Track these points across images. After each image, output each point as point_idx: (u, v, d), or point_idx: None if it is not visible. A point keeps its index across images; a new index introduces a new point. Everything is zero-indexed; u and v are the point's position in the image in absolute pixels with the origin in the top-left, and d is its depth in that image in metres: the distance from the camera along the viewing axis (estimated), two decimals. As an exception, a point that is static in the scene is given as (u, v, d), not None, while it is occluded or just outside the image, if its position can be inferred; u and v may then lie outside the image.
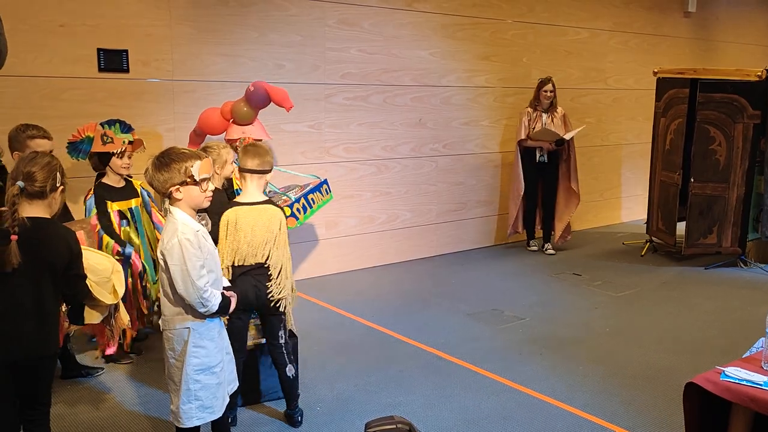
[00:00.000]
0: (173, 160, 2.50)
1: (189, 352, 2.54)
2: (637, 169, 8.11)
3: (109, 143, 3.73)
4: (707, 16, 8.75)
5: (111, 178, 3.80)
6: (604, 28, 7.50)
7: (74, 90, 4.40)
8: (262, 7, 5.11)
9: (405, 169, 6.14)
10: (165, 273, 2.50)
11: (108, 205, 3.73)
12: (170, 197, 2.52)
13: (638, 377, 3.73)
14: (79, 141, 3.79)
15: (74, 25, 4.35)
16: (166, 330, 2.57)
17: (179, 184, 2.49)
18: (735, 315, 4.81)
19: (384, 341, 4.26)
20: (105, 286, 2.70)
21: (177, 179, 2.49)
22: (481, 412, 3.33)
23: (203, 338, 2.57)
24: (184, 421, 2.58)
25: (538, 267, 6.05)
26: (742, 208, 5.91)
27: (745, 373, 2.28)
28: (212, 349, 2.61)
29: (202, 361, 2.57)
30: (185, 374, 2.54)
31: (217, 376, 2.62)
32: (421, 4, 5.96)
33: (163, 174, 2.48)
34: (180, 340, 2.54)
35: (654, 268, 6.06)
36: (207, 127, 4.50)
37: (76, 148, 3.80)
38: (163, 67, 4.72)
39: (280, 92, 4.34)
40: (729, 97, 5.78)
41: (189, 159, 2.52)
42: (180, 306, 2.52)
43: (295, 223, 4.26)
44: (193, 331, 2.54)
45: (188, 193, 2.53)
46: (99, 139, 3.73)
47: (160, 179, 2.49)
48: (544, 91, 6.20)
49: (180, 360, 2.55)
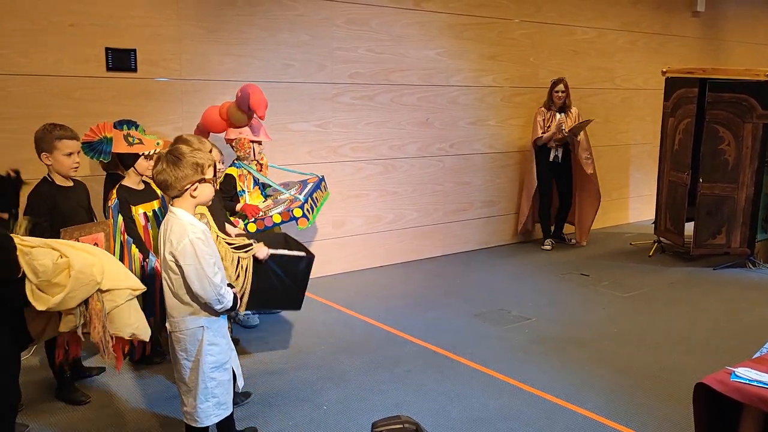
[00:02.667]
0: (188, 156, 2.45)
1: (204, 351, 2.54)
2: (646, 169, 8.08)
3: (137, 144, 3.63)
4: (716, 16, 8.70)
5: (132, 179, 3.67)
6: (611, 27, 7.47)
7: (83, 89, 4.42)
8: (269, 7, 5.11)
9: (412, 169, 6.13)
10: (174, 274, 2.49)
11: (132, 209, 3.62)
12: (180, 196, 2.50)
13: (646, 377, 3.71)
14: (97, 141, 3.65)
15: (83, 25, 4.37)
16: (176, 332, 2.56)
17: (198, 182, 2.48)
18: (744, 315, 4.78)
19: (390, 341, 4.26)
20: (49, 289, 2.54)
21: (195, 177, 2.47)
22: (488, 411, 3.32)
23: (217, 336, 2.58)
24: (203, 420, 2.59)
25: (545, 267, 6.03)
26: (751, 209, 5.88)
27: (755, 373, 2.27)
28: (224, 345, 2.62)
29: (217, 359, 2.58)
30: (201, 373, 2.54)
31: (228, 372, 2.64)
32: (428, 4, 5.96)
33: (181, 171, 2.43)
34: (194, 341, 2.54)
35: (662, 269, 6.03)
36: (209, 125, 4.51)
37: (94, 148, 3.66)
38: (171, 67, 4.73)
39: (260, 99, 4.28)
40: (738, 97, 5.75)
41: (203, 155, 2.50)
42: (192, 306, 2.52)
43: (306, 224, 4.28)
44: (207, 329, 2.55)
45: (202, 190, 2.52)
46: (122, 139, 3.63)
47: (176, 176, 2.44)
48: (555, 92, 6.27)
49: (194, 360, 2.55)
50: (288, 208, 4.25)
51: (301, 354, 4.03)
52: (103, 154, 3.64)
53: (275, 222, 4.22)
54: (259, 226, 4.22)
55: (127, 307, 2.76)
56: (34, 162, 3.37)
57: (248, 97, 4.26)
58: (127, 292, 2.74)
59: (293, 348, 4.10)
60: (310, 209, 4.33)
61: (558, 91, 6.27)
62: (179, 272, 2.47)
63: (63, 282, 2.56)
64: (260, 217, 4.24)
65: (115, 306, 2.72)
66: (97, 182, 4.09)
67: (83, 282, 2.59)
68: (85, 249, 2.74)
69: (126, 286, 2.73)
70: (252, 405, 3.35)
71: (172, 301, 2.54)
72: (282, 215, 4.22)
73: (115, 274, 2.73)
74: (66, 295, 2.56)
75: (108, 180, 3.93)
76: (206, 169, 2.50)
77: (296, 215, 4.20)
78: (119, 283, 2.71)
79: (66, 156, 3.32)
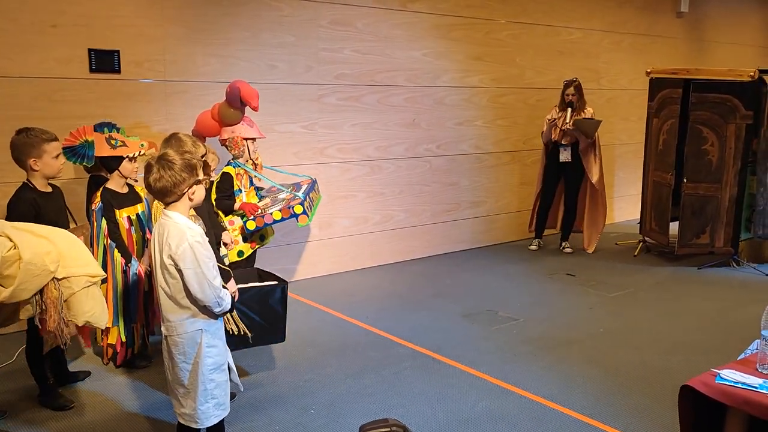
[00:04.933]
0: (179, 159, 2.45)
1: (203, 353, 2.55)
2: (630, 169, 8.13)
3: (121, 147, 3.58)
4: (700, 17, 8.78)
5: (116, 182, 3.63)
6: (597, 28, 7.51)
7: (66, 91, 4.37)
8: (254, 7, 5.08)
9: (399, 170, 6.13)
10: (172, 279, 2.47)
11: (116, 213, 3.58)
12: (177, 200, 2.48)
13: (632, 378, 3.73)
14: (79, 145, 3.58)
15: (66, 26, 4.32)
16: (173, 335, 2.54)
17: (194, 185, 2.48)
18: (728, 315, 4.82)
19: (378, 343, 4.25)
20: (1, 280, 2.53)
21: (192, 179, 2.47)
22: (476, 413, 3.32)
23: (215, 337, 2.60)
24: (203, 421, 2.60)
25: (533, 267, 6.05)
26: (734, 208, 5.93)
27: (740, 375, 2.28)
28: (222, 347, 2.64)
29: (215, 360, 2.60)
30: (201, 375, 2.55)
31: (226, 372, 2.66)
32: (414, 5, 5.95)
33: (178, 175, 2.42)
34: (192, 343, 2.54)
35: (647, 268, 6.07)
36: (203, 130, 4.49)
37: (76, 152, 3.59)
38: (156, 68, 4.69)
39: (251, 90, 4.30)
40: (722, 98, 5.80)
41: (190, 155, 2.51)
42: (190, 309, 2.52)
43: (306, 220, 4.28)
44: (206, 332, 2.56)
45: (198, 192, 2.52)
46: (104, 142, 3.57)
47: (174, 181, 2.42)
48: (566, 94, 6.31)
49: (193, 362, 2.55)
50: (288, 205, 4.25)
51: (288, 356, 4.01)
52: (86, 158, 3.58)
53: (275, 219, 4.21)
54: (258, 223, 4.22)
55: (84, 294, 2.76)
56: (10, 166, 3.34)
57: (238, 91, 4.25)
58: (84, 279, 2.73)
59: (279, 350, 4.08)
60: (308, 208, 4.34)
61: (568, 93, 6.32)
62: (179, 276, 2.46)
63: (14, 273, 2.55)
64: (259, 215, 4.23)
65: (72, 293, 2.72)
66: (80, 185, 4.05)
67: (34, 273, 2.58)
68: (45, 235, 2.68)
69: (84, 273, 2.71)
70: (238, 408, 3.33)
71: (169, 304, 2.52)
72: (282, 212, 4.21)
73: (72, 260, 2.71)
74: (16, 287, 2.55)
75: (91, 182, 3.88)
76: (198, 170, 2.51)
77: (297, 212, 4.21)
78: (76, 270, 2.70)
79: (55, 158, 3.27)
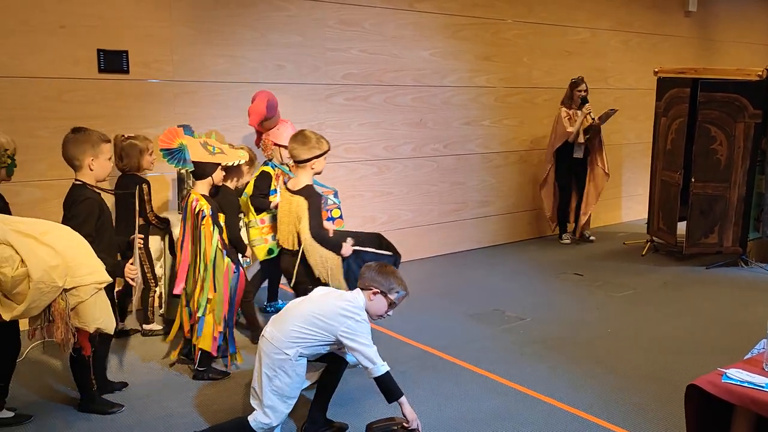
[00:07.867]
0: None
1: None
2: (638, 169, 8.11)
3: (219, 154, 3.51)
4: (708, 16, 8.74)
5: (206, 188, 3.57)
6: (604, 27, 7.49)
7: (75, 91, 4.40)
8: (262, 8, 5.10)
9: (406, 169, 6.13)
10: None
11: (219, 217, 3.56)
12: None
13: (640, 378, 3.72)
14: (176, 149, 3.45)
15: (75, 27, 4.35)
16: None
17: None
18: (736, 315, 4.80)
19: (385, 342, 4.26)
20: (12, 296, 2.57)
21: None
22: (483, 412, 3.33)
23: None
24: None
25: (539, 267, 6.05)
26: (743, 208, 5.90)
27: (746, 374, 2.28)
28: None
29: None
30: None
31: None
32: (422, 5, 5.96)
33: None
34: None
35: (655, 268, 6.05)
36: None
37: (174, 155, 3.45)
38: (164, 68, 4.72)
39: (255, 108, 4.38)
40: (730, 97, 5.78)
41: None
42: None
43: (342, 224, 4.41)
44: None
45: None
46: (200, 147, 3.48)
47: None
48: (578, 91, 6.36)
49: None
50: (326, 208, 4.33)
51: (296, 356, 4.02)
52: (184, 162, 3.45)
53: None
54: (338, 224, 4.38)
55: (92, 302, 2.77)
56: (25, 165, 3.36)
57: (252, 101, 4.38)
58: (92, 287, 2.74)
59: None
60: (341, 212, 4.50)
61: (581, 90, 6.38)
62: None
63: (24, 291, 2.58)
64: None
65: (80, 302, 2.73)
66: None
67: (44, 291, 2.61)
68: (50, 243, 2.67)
69: (91, 281, 2.72)
70: (246, 407, 3.34)
71: None
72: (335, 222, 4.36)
73: (79, 268, 2.72)
74: (28, 306, 2.59)
75: (128, 181, 3.90)
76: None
77: (334, 215, 4.32)
78: (84, 279, 2.71)
79: (108, 160, 3.20)
